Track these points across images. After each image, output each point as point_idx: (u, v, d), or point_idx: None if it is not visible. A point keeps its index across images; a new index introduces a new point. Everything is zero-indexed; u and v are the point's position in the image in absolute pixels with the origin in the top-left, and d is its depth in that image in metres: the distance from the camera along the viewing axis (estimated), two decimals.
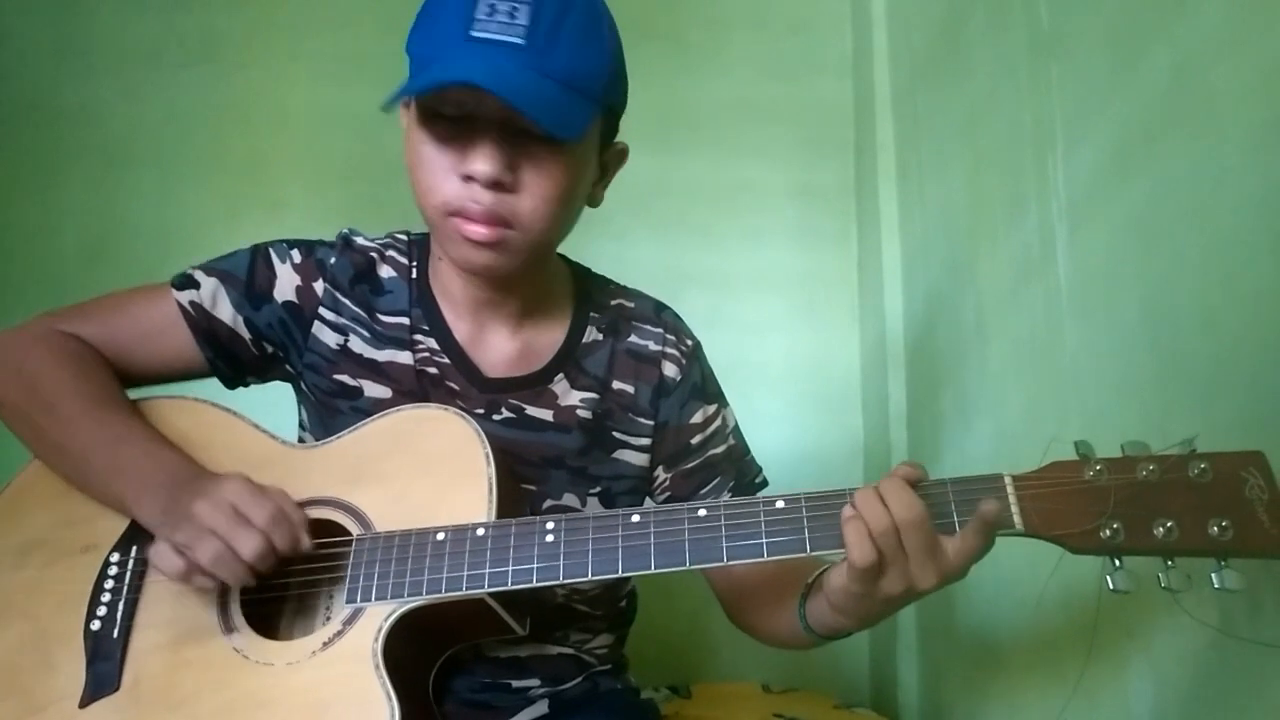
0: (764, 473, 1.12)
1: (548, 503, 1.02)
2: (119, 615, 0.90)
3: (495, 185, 0.88)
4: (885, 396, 1.84)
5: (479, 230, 0.90)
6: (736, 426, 1.12)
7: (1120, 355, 1.03)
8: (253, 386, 1.08)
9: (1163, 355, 0.95)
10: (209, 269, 1.02)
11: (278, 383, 1.09)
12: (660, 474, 1.08)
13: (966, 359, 1.51)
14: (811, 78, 2.11)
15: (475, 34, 0.85)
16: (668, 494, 1.09)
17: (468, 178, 0.88)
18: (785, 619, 0.94)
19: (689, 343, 1.10)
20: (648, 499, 1.12)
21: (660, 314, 1.11)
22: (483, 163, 0.87)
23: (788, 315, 2.05)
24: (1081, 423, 1.12)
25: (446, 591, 0.85)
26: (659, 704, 1.41)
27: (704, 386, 1.09)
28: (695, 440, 1.07)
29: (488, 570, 0.85)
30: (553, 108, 0.86)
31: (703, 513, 0.83)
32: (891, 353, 1.84)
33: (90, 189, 2.03)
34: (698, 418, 1.08)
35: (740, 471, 1.10)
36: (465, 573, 0.85)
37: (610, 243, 0.98)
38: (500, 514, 0.89)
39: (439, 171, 0.90)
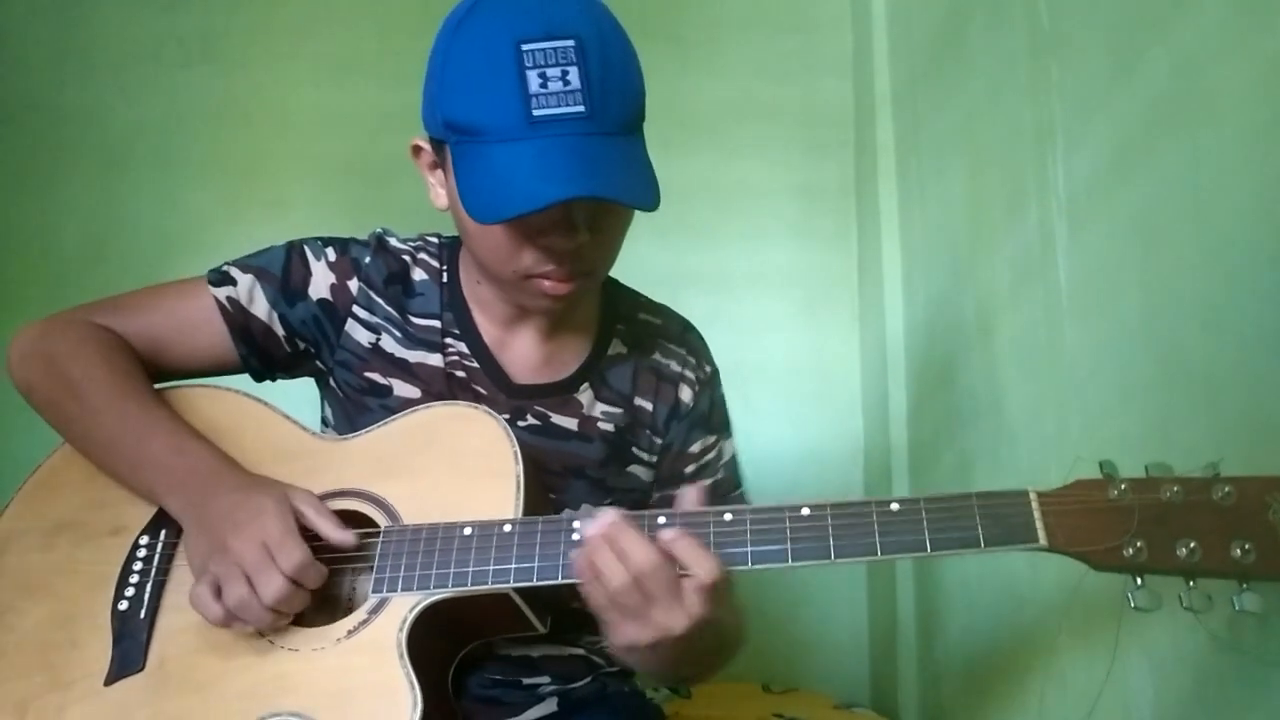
0: None
1: (565, 512, 1.02)
2: (146, 596, 0.92)
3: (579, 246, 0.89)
4: (885, 396, 1.84)
5: (563, 287, 0.91)
6: (733, 459, 1.12)
7: (1120, 355, 1.03)
8: (279, 381, 1.08)
9: (1163, 355, 0.95)
10: (244, 265, 1.02)
11: (302, 379, 1.08)
12: (653, 493, 1.09)
13: (967, 359, 1.51)
14: (811, 78, 2.11)
15: (539, 113, 0.82)
16: None
17: (546, 248, 0.88)
18: None
19: (708, 369, 1.10)
20: None
21: (685, 334, 1.10)
22: (574, 239, 0.88)
23: (788, 315, 2.05)
24: (1081, 422, 1.12)
25: (472, 585, 0.86)
26: (659, 704, 1.41)
27: (710, 416, 1.09)
28: (689, 469, 1.08)
29: (514, 566, 0.86)
30: (640, 177, 0.86)
31: (728, 517, 0.83)
32: (891, 352, 1.84)
33: (90, 189, 2.04)
34: (696, 447, 1.08)
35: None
36: (491, 567, 0.86)
37: None
38: (527, 512, 0.90)
39: (509, 242, 0.89)
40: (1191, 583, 0.73)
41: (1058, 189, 1.18)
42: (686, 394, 1.07)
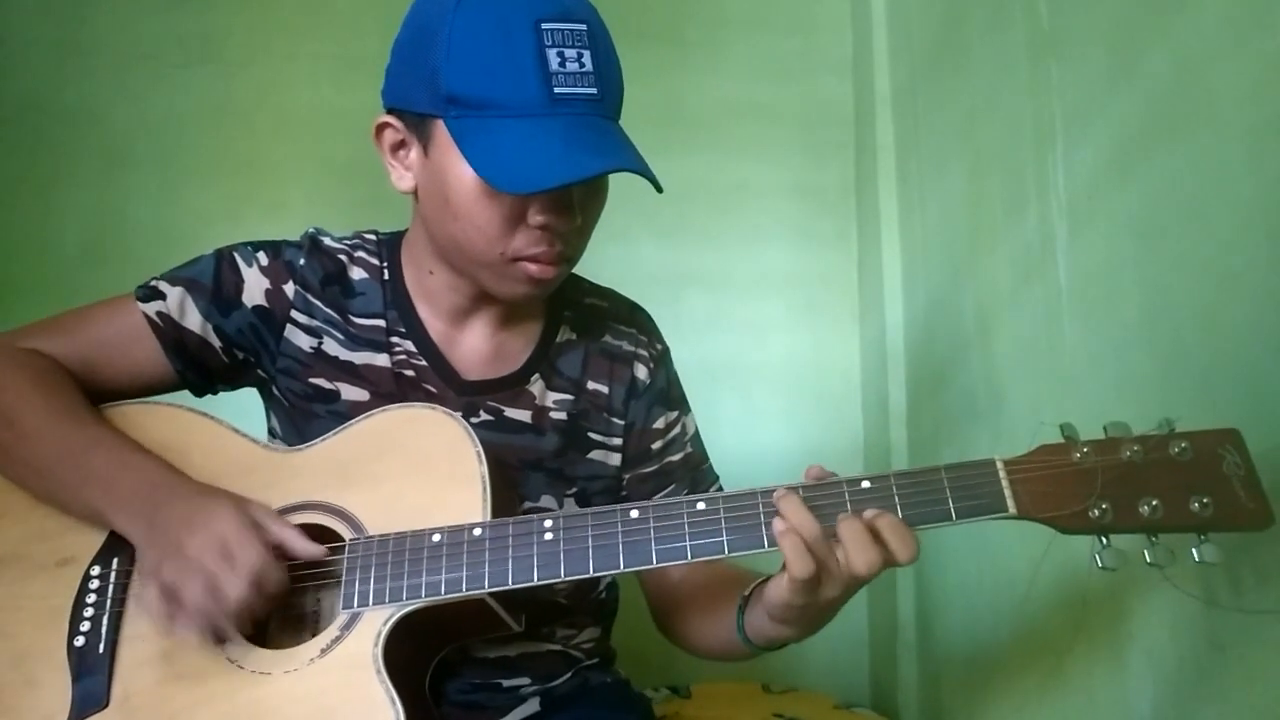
0: (720, 482, 1.13)
1: (526, 505, 1.02)
2: (104, 629, 0.88)
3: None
4: (885, 396, 1.84)
5: (550, 270, 0.91)
6: (696, 434, 1.12)
7: (1120, 355, 1.03)
8: (222, 394, 1.06)
9: (1162, 355, 0.95)
10: (173, 278, 1.00)
11: (247, 391, 1.07)
12: (624, 475, 1.09)
13: (966, 359, 1.51)
14: (811, 78, 2.11)
15: (560, 91, 0.83)
16: (625, 496, 1.10)
17: (543, 226, 0.89)
18: (721, 630, 0.94)
19: (659, 346, 1.11)
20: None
21: (634, 314, 1.11)
22: (570, 220, 0.89)
23: (788, 315, 2.05)
24: (1081, 422, 1.11)
25: (447, 593, 0.84)
26: (658, 704, 1.41)
27: (668, 392, 1.10)
28: (655, 446, 1.08)
29: (487, 570, 0.84)
30: (643, 159, 0.87)
31: (701, 506, 0.83)
32: (891, 353, 1.84)
33: (90, 189, 2.03)
34: (660, 424, 1.08)
35: (694, 480, 1.10)
36: (464, 574, 0.85)
37: (610, 243, 0.98)
38: (495, 513, 0.88)
39: (503, 221, 0.88)
40: (1154, 539, 0.75)
41: (1058, 189, 1.18)
42: (642, 372, 1.07)
